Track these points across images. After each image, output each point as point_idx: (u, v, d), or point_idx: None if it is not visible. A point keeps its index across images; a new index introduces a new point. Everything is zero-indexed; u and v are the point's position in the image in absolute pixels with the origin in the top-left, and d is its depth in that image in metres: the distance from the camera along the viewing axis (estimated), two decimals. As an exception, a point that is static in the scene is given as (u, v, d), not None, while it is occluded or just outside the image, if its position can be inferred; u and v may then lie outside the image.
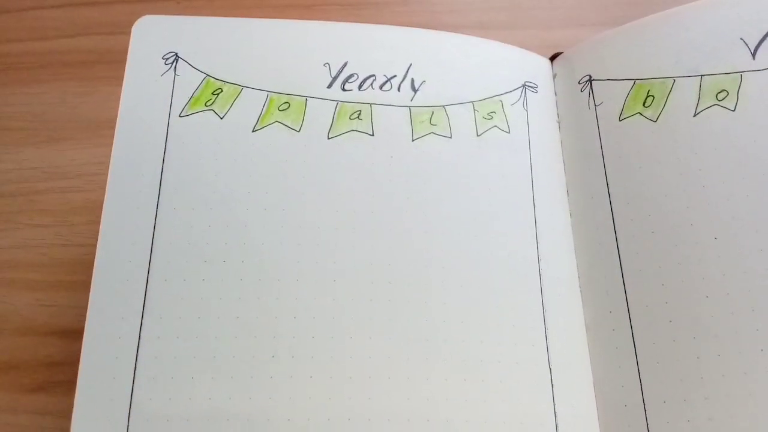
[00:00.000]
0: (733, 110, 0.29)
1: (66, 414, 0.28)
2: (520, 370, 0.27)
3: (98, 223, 0.29)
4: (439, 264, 0.28)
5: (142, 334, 0.26)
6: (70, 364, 0.35)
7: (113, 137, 0.30)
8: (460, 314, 0.27)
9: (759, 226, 0.27)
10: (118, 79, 0.31)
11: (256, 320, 0.26)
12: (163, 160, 0.29)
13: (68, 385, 0.33)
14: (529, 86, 0.32)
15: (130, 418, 0.25)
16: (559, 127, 0.32)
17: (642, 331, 0.27)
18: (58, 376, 0.34)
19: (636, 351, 0.27)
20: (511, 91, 0.32)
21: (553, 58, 0.34)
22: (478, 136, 0.31)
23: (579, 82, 0.32)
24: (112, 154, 0.30)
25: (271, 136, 0.29)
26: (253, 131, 0.29)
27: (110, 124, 0.31)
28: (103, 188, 0.30)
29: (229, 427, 0.25)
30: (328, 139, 0.30)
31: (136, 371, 0.26)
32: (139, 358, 0.26)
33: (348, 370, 0.26)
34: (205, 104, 0.30)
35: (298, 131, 0.30)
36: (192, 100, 0.30)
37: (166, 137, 0.29)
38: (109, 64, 0.42)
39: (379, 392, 0.26)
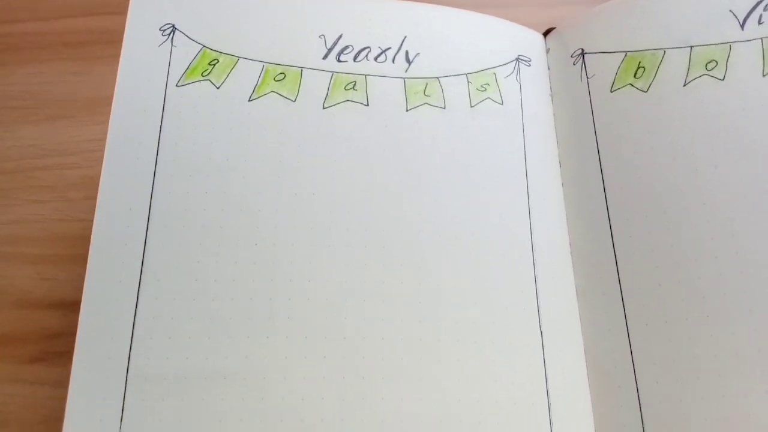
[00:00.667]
0: (722, 79, 0.29)
1: (64, 383, 0.28)
2: (511, 334, 0.27)
3: (95, 198, 0.30)
4: (432, 230, 0.29)
5: (140, 296, 0.26)
6: (69, 335, 0.35)
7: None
8: (452, 279, 0.28)
9: (746, 192, 0.27)
10: (117, 59, 0.32)
11: (253, 283, 0.27)
12: (161, 128, 0.29)
13: (67, 356, 0.33)
14: (522, 60, 0.33)
15: (128, 378, 0.26)
16: (552, 101, 0.33)
17: (632, 295, 0.27)
18: (57, 347, 0.35)
19: (626, 315, 0.27)
20: (504, 64, 0.32)
21: (546, 33, 0.35)
22: (471, 107, 0.31)
23: (571, 56, 0.33)
24: (110, 122, 0.30)
25: (267, 105, 0.30)
26: (249, 101, 0.30)
27: (108, 102, 0.31)
28: (101, 165, 0.30)
29: (225, 386, 0.26)
30: (323, 108, 0.30)
31: (134, 332, 0.26)
32: (137, 319, 0.26)
33: (342, 330, 0.27)
34: (202, 74, 0.30)
35: (294, 101, 0.30)
36: (189, 70, 0.30)
37: (163, 106, 0.29)
38: (108, 44, 0.42)
39: (372, 352, 0.26)
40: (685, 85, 0.30)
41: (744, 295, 0.26)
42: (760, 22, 0.30)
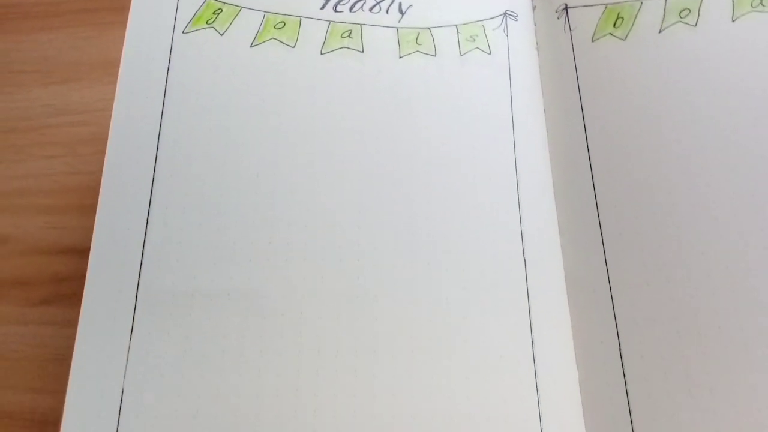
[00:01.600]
0: (695, 26, 0.31)
1: (73, 324, 0.29)
2: (499, 303, 0.28)
3: (104, 153, 0.32)
4: (421, 166, 0.30)
5: (149, 221, 0.28)
6: (77, 279, 0.37)
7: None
8: (438, 219, 0.29)
9: (719, 129, 0.29)
10: (126, 25, 0.34)
11: (254, 211, 0.29)
12: (168, 72, 0.31)
13: (75, 298, 0.35)
14: (510, 15, 0.35)
15: (138, 296, 0.27)
16: (538, 53, 0.35)
17: (613, 244, 0.29)
18: (66, 290, 0.36)
19: (610, 283, 0.28)
20: (492, 18, 0.34)
21: (532, -8, 0.37)
22: (460, 55, 0.33)
23: (556, 11, 0.35)
24: (120, 67, 0.32)
25: (268, 51, 0.32)
26: (250, 47, 0.32)
27: (117, 64, 0.33)
28: (110, 122, 0.32)
29: (228, 303, 0.27)
30: (321, 54, 0.32)
31: (144, 254, 0.28)
32: (146, 242, 0.28)
33: (338, 253, 0.28)
34: (207, 22, 0.32)
35: (293, 47, 0.32)
36: (194, 18, 0.32)
37: (170, 52, 0.31)
38: (117, 11, 0.44)
39: (368, 269, 0.28)
40: (660, 32, 0.32)
41: (726, 253, 0.27)
42: (729, -27, 0.32)
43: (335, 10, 0.33)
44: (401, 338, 0.27)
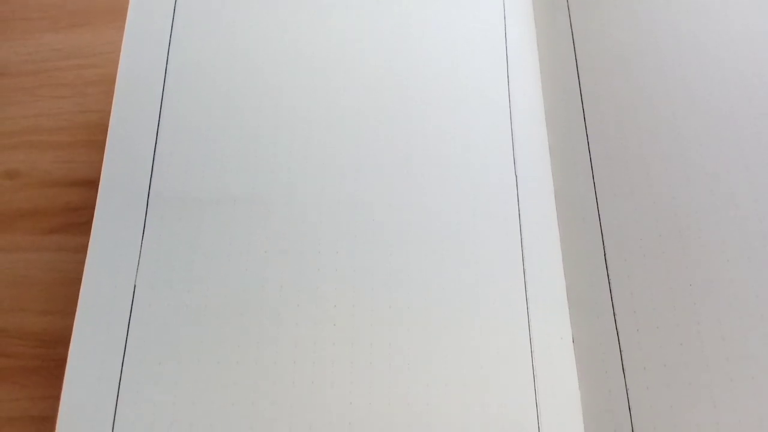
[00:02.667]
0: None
1: (83, 250, 0.31)
2: (492, 249, 0.29)
3: (112, 93, 0.33)
4: (419, 88, 0.32)
5: (159, 134, 0.30)
6: (87, 208, 0.38)
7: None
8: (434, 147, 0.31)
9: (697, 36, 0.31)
10: None
11: (258, 121, 0.30)
12: (175, 4, 0.33)
13: (85, 227, 0.36)
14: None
15: (149, 202, 0.29)
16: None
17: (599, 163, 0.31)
18: (76, 219, 0.38)
19: (603, 241, 0.29)
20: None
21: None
22: None
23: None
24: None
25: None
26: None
27: (124, 12, 0.35)
28: (116, 64, 0.34)
29: (234, 208, 0.29)
30: None
31: (155, 159, 0.29)
32: (157, 147, 0.30)
33: (339, 160, 0.30)
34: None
35: None
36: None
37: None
38: (124, -39, 0.46)
39: (365, 180, 0.30)
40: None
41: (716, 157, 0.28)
42: None
43: None
44: (397, 241, 0.29)
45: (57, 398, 0.28)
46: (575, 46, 0.33)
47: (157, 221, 0.29)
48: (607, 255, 0.28)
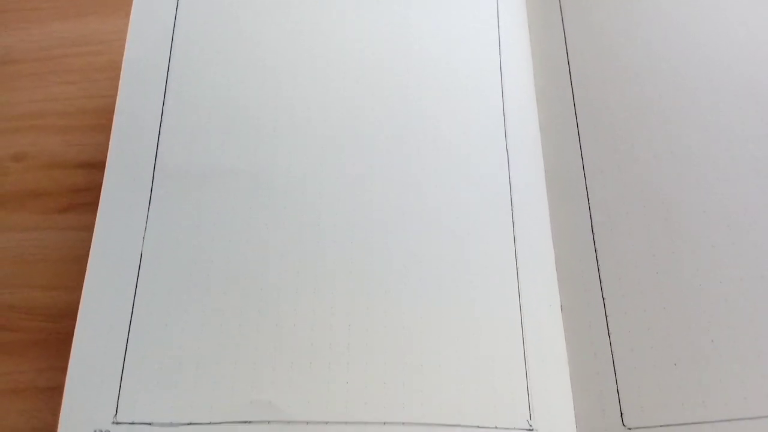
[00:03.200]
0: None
1: (90, 228, 0.32)
2: (485, 222, 0.30)
3: (119, 79, 0.35)
4: (414, 72, 0.33)
5: (164, 111, 0.31)
6: (93, 189, 0.39)
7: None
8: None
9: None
10: None
11: (260, 96, 0.32)
12: None
13: (91, 206, 0.37)
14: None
15: (155, 176, 0.30)
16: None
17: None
18: (83, 199, 0.39)
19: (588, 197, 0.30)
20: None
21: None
22: None
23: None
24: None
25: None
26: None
27: (130, 1, 0.36)
28: (123, 51, 0.35)
29: (237, 181, 0.30)
30: None
31: (161, 134, 0.31)
32: (162, 129, 0.31)
33: (338, 137, 0.31)
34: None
35: None
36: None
37: None
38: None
39: (363, 154, 0.31)
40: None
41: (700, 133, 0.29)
42: None
43: None
44: (391, 214, 0.30)
45: (63, 370, 0.29)
46: (565, 29, 0.34)
47: (162, 194, 0.30)
48: (594, 227, 0.29)
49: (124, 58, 0.35)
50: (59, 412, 0.28)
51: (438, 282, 0.28)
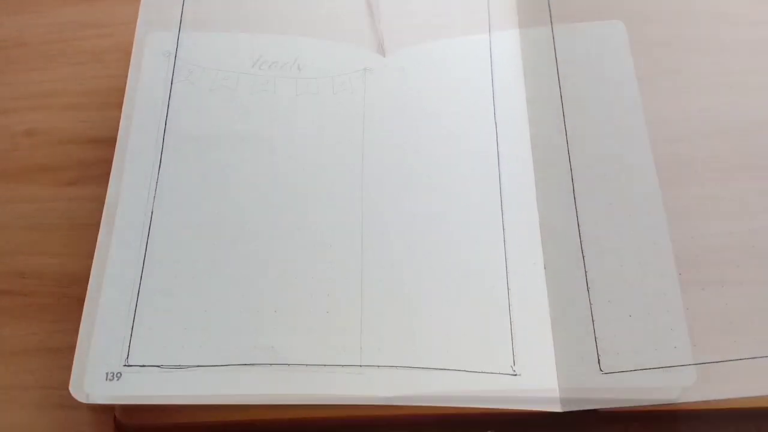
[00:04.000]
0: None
1: (99, 199, 0.34)
2: (474, 185, 0.33)
3: (128, 60, 0.37)
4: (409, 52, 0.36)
5: (173, 79, 0.33)
6: (103, 162, 0.41)
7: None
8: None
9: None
10: None
11: (261, 67, 0.34)
12: None
13: (100, 178, 0.39)
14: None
15: (165, 139, 0.32)
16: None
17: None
18: (92, 172, 0.41)
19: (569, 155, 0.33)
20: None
21: None
22: None
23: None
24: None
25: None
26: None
27: None
28: (132, 34, 0.37)
29: (242, 145, 0.33)
30: None
31: (170, 102, 0.33)
32: (171, 95, 0.33)
33: (336, 107, 0.33)
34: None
35: None
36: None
37: None
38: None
39: (361, 128, 0.33)
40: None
41: None
42: None
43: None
44: (384, 174, 0.32)
45: (73, 332, 0.31)
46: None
47: (172, 156, 0.32)
48: (575, 190, 0.31)
49: (135, 35, 0.37)
50: (69, 370, 0.30)
51: (431, 240, 0.31)
